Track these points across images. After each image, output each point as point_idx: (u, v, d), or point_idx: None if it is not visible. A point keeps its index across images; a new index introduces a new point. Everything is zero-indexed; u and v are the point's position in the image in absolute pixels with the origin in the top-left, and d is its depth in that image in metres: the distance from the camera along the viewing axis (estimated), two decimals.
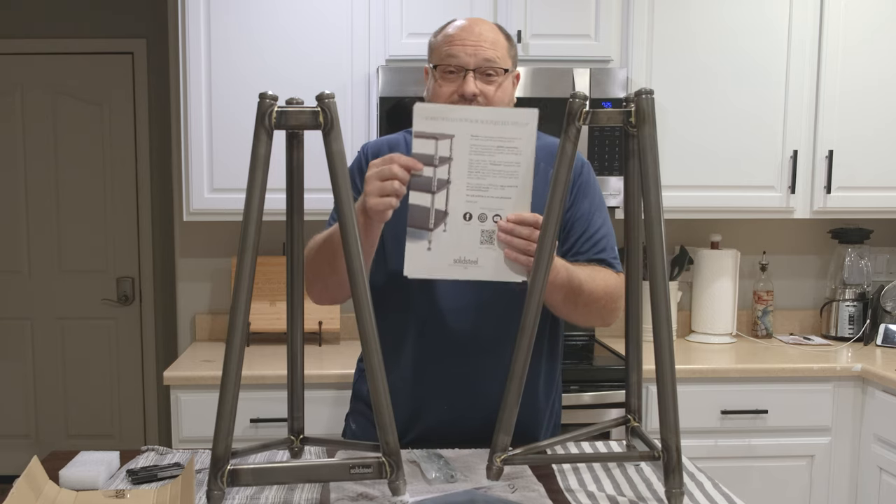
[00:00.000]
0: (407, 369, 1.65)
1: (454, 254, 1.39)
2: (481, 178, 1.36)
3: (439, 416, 1.65)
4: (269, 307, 2.86)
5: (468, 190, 1.37)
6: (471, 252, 1.39)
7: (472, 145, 1.35)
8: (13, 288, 3.99)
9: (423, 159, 1.36)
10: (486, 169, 1.36)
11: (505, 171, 1.36)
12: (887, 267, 3.20)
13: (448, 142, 1.35)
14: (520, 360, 1.31)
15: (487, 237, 1.38)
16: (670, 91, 2.72)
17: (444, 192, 1.37)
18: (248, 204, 1.26)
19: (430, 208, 1.37)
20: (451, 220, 1.37)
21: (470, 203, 1.37)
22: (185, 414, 2.46)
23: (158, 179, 3.94)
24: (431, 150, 1.35)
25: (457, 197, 1.37)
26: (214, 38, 2.61)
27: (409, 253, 1.38)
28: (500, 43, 1.59)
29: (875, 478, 2.54)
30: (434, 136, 1.35)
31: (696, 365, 2.57)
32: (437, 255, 1.38)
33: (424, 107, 1.36)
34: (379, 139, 1.76)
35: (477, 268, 1.39)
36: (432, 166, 1.36)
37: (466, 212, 1.38)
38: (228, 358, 1.25)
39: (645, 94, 1.30)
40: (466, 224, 1.38)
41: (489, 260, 1.39)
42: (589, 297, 1.54)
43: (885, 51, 2.77)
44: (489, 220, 1.38)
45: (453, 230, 1.38)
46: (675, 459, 1.29)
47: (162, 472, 1.43)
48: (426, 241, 1.38)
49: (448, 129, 1.35)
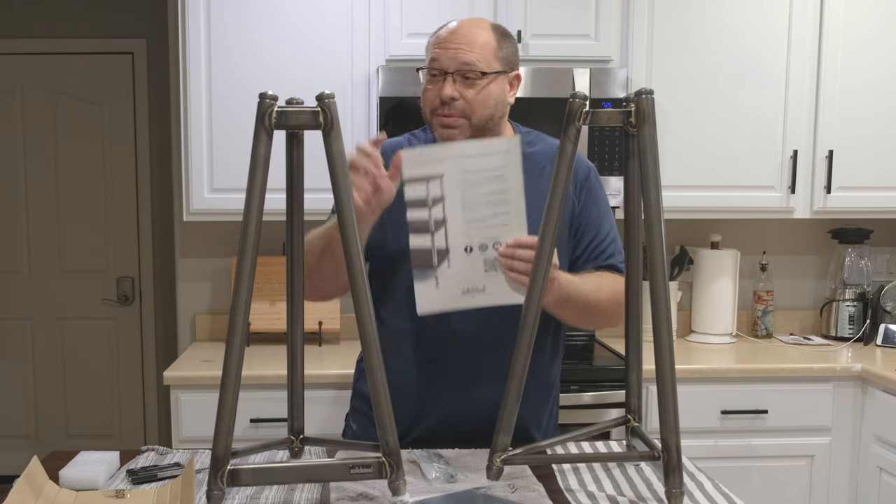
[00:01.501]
0: (408, 369, 1.65)
1: (462, 285, 1.43)
2: (475, 211, 1.40)
3: (440, 416, 1.65)
4: (269, 307, 2.86)
5: (465, 224, 1.40)
6: (477, 281, 1.42)
7: (462, 181, 1.39)
8: (13, 288, 3.99)
9: (418, 203, 1.39)
10: (478, 201, 1.40)
11: (496, 199, 1.40)
12: (887, 267, 3.20)
13: (438, 181, 1.39)
14: (520, 360, 1.31)
15: (491, 265, 1.42)
16: (670, 91, 2.72)
17: (442, 229, 1.40)
18: (248, 204, 1.26)
19: (431, 248, 1.41)
20: (454, 255, 1.41)
21: (469, 236, 1.41)
22: (185, 414, 2.46)
23: (158, 179, 3.94)
24: (423, 192, 1.39)
25: (455, 232, 1.41)
26: (214, 38, 2.61)
27: (418, 292, 1.42)
28: (488, 45, 1.57)
29: (875, 478, 2.54)
30: (424, 178, 1.39)
31: (696, 365, 2.58)
32: (445, 289, 1.42)
33: (411, 153, 1.40)
34: (385, 142, 1.74)
35: (485, 294, 1.43)
36: (427, 208, 1.39)
37: (467, 245, 1.41)
38: (228, 358, 1.25)
39: (645, 94, 1.31)
40: (469, 256, 1.42)
41: (496, 285, 1.43)
42: (597, 307, 1.58)
43: (885, 51, 2.77)
44: (490, 248, 1.42)
45: (457, 264, 1.41)
46: (675, 459, 1.29)
47: (162, 472, 1.44)
48: (433, 279, 1.42)
49: (436, 169, 1.39)
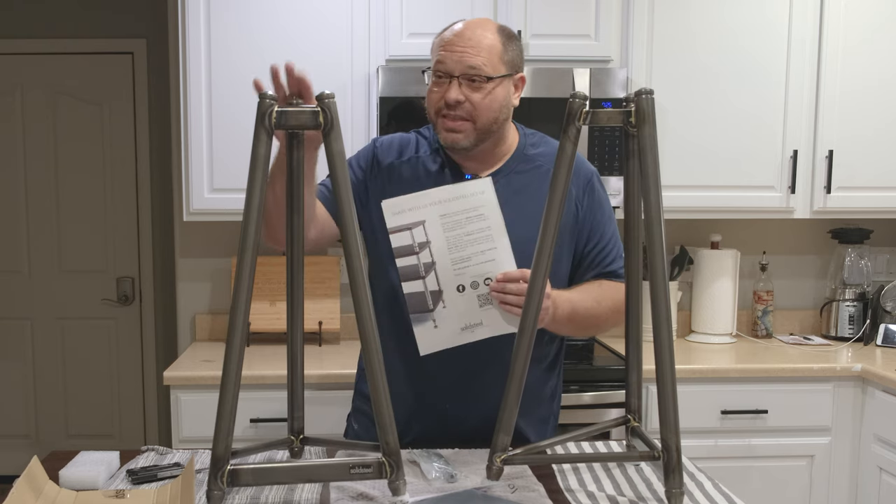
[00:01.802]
0: (408, 369, 1.65)
1: (460, 323, 1.47)
2: (461, 251, 1.44)
3: (440, 416, 1.65)
4: (269, 307, 2.86)
5: (453, 265, 1.45)
6: (474, 317, 1.47)
7: (443, 224, 1.43)
8: (13, 288, 3.99)
9: (405, 251, 1.44)
10: (462, 241, 1.44)
11: (480, 237, 1.44)
12: (887, 267, 3.20)
13: (421, 227, 1.43)
14: (520, 360, 1.31)
15: (485, 300, 1.47)
16: (670, 91, 2.72)
17: (432, 272, 1.44)
18: (248, 204, 1.26)
19: (424, 292, 1.45)
20: (448, 296, 1.46)
21: (459, 276, 1.45)
22: (185, 414, 2.46)
23: (158, 179, 3.94)
24: (409, 240, 1.44)
25: (445, 274, 1.45)
26: (214, 38, 2.61)
27: (418, 335, 1.46)
28: (494, 48, 1.57)
29: (875, 478, 2.54)
30: (408, 227, 1.43)
31: (696, 365, 2.57)
32: (444, 329, 1.47)
33: (390, 203, 1.44)
34: (392, 135, 1.75)
35: (483, 328, 1.48)
36: (415, 254, 1.44)
37: (459, 284, 1.46)
38: (228, 358, 1.25)
39: (645, 94, 1.31)
40: (462, 295, 1.46)
41: (493, 318, 1.47)
42: (597, 320, 1.62)
43: (885, 51, 2.77)
44: (482, 284, 1.46)
45: (451, 304, 1.46)
46: (675, 459, 1.29)
47: (162, 472, 1.44)
48: (431, 322, 1.46)
49: (417, 216, 1.43)
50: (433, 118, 1.62)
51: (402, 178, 1.64)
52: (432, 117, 1.62)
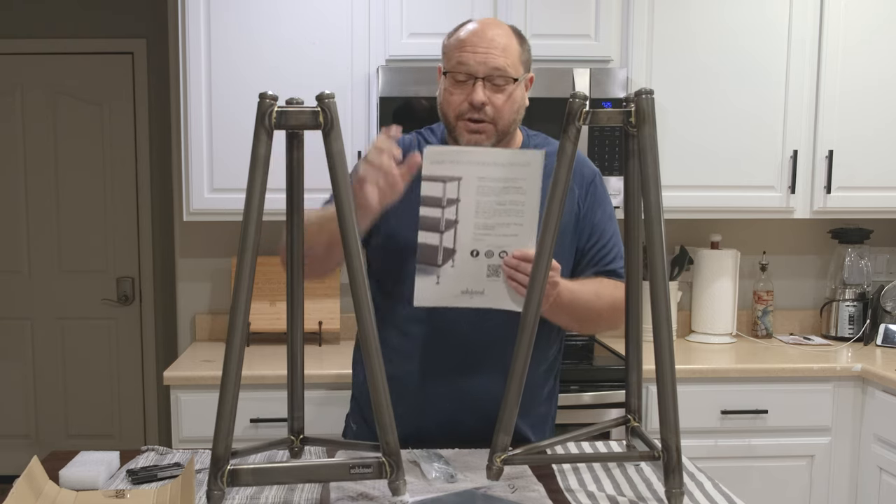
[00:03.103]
0: (408, 369, 1.64)
1: (461, 286, 1.44)
2: (488, 218, 1.41)
3: (441, 416, 1.65)
4: (269, 307, 2.86)
5: (476, 229, 1.41)
6: (477, 284, 1.44)
7: (478, 186, 1.39)
8: (13, 288, 3.99)
9: (432, 201, 1.39)
10: (492, 209, 1.40)
11: (511, 209, 1.40)
12: (887, 267, 3.20)
13: (456, 184, 1.38)
14: (520, 360, 1.31)
15: (493, 270, 1.43)
16: (670, 91, 2.72)
17: (452, 231, 1.41)
18: (248, 204, 1.26)
19: (438, 246, 1.41)
20: (459, 257, 1.42)
21: (477, 241, 1.42)
22: (185, 414, 2.46)
23: (158, 179, 3.94)
24: (440, 192, 1.39)
25: (465, 235, 1.41)
26: (214, 38, 2.61)
27: (418, 285, 1.43)
28: (512, 49, 1.56)
29: (875, 478, 2.54)
30: (442, 178, 1.38)
31: (696, 365, 2.57)
32: (445, 287, 1.44)
33: (434, 150, 1.39)
34: None
35: (483, 297, 1.45)
36: (440, 207, 1.40)
37: (474, 249, 1.42)
38: (228, 358, 1.25)
39: (645, 94, 1.31)
40: (473, 260, 1.43)
41: (494, 290, 1.44)
42: (594, 314, 1.59)
43: (885, 51, 2.77)
44: (496, 255, 1.42)
45: (460, 266, 1.43)
46: (675, 459, 1.29)
47: (162, 472, 1.44)
48: (435, 276, 1.43)
49: (455, 171, 1.38)
50: (453, 122, 1.57)
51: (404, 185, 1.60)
52: (452, 121, 1.58)
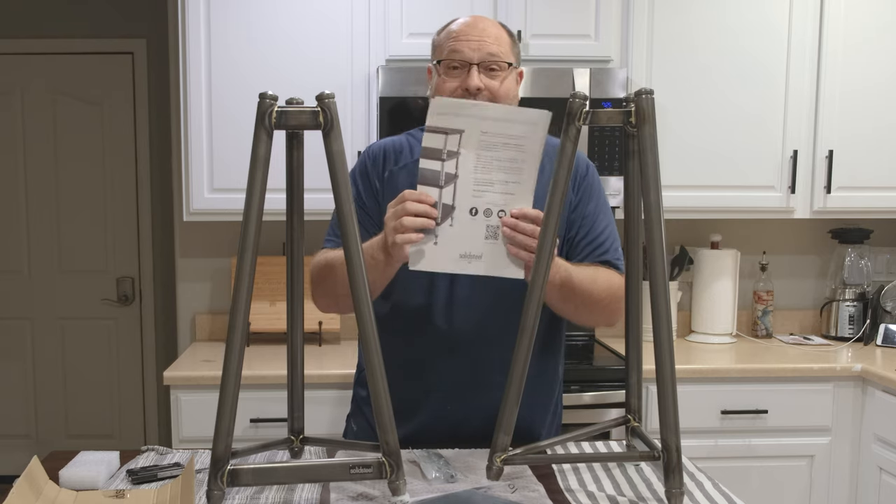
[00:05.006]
0: (408, 369, 1.64)
1: (460, 248, 1.40)
2: (486, 174, 1.38)
3: (441, 416, 1.65)
4: (269, 307, 2.86)
5: (474, 185, 1.38)
6: (476, 247, 1.40)
7: (480, 141, 1.36)
8: (13, 288, 3.99)
9: (432, 153, 1.36)
10: (490, 164, 1.37)
11: (508, 167, 1.37)
12: (887, 267, 3.20)
13: (457, 137, 1.36)
14: (520, 360, 1.31)
15: (492, 232, 1.39)
16: (670, 91, 2.72)
17: (451, 186, 1.38)
18: (248, 204, 1.26)
19: (437, 203, 1.38)
20: (458, 215, 1.39)
21: (476, 198, 1.38)
22: (185, 414, 2.46)
23: (158, 179, 3.94)
24: (440, 144, 1.36)
25: (464, 191, 1.38)
26: (214, 38, 2.61)
27: (414, 246, 1.39)
28: (504, 39, 1.60)
29: (875, 478, 2.54)
30: (445, 130, 1.35)
31: (696, 365, 2.58)
32: (442, 249, 1.40)
33: (440, 101, 1.36)
34: (382, 141, 1.73)
35: (481, 263, 1.40)
36: (440, 160, 1.37)
37: (473, 206, 1.39)
38: (228, 358, 1.25)
39: (645, 94, 1.30)
40: (472, 219, 1.39)
41: (493, 255, 1.40)
42: (589, 297, 1.54)
43: (885, 51, 2.77)
44: (494, 215, 1.39)
45: (459, 225, 1.39)
46: (675, 459, 1.29)
47: (162, 472, 1.44)
48: (433, 236, 1.39)
49: (459, 124, 1.35)
50: None
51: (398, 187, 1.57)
52: None
